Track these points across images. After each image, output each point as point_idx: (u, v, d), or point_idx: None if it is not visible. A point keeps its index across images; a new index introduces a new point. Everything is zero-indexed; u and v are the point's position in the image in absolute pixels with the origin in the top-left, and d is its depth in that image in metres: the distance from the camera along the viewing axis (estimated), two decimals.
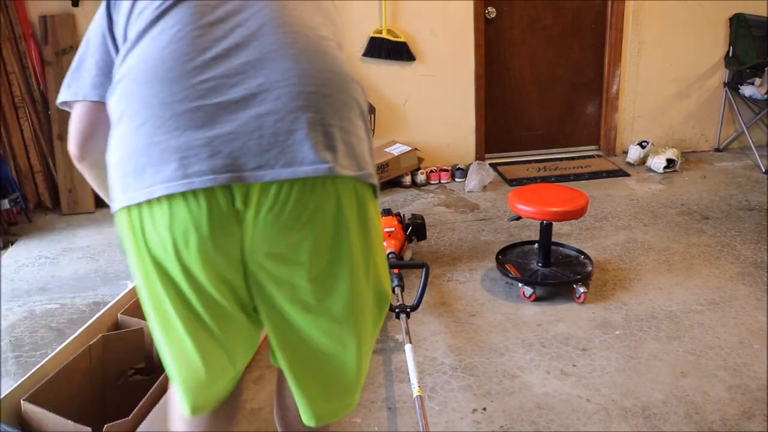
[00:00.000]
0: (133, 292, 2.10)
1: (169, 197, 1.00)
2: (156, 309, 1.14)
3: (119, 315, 1.99)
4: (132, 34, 1.12)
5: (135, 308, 2.04)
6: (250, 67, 1.05)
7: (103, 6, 1.21)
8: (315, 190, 1.04)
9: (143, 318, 1.95)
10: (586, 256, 2.80)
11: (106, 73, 1.18)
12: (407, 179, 4.07)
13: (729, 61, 4.34)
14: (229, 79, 1.04)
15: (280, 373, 1.38)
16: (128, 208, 1.05)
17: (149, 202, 1.01)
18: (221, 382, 1.24)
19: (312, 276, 1.11)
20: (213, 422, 1.32)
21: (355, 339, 1.21)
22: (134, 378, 1.90)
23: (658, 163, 4.14)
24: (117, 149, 1.07)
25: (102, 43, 1.19)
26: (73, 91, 1.21)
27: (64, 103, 1.24)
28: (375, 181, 1.14)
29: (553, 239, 2.84)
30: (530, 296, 2.62)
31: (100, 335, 1.82)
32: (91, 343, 1.79)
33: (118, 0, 1.18)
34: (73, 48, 3.79)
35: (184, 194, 1.00)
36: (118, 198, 1.07)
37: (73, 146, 1.23)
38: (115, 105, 1.10)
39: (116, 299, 2.04)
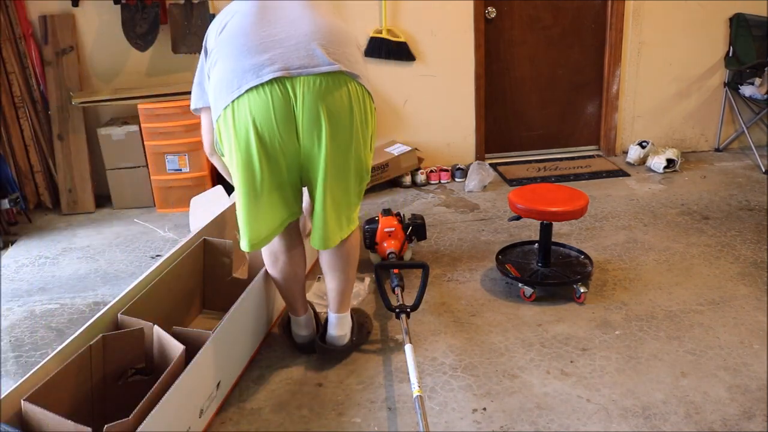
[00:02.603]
0: (133, 292, 2.10)
1: (248, 91, 1.78)
2: (235, 177, 1.91)
3: (119, 315, 1.99)
4: (219, 31, 1.92)
5: (135, 308, 2.04)
6: (289, 22, 1.85)
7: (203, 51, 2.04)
8: (332, 79, 1.82)
9: (143, 318, 1.96)
10: (586, 256, 2.80)
11: (202, 87, 2.07)
12: (407, 179, 4.07)
13: (729, 61, 4.34)
14: (279, 28, 1.84)
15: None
16: (225, 108, 1.82)
17: (238, 98, 1.79)
18: (263, 227, 1.97)
19: (334, 130, 1.85)
20: (287, 253, 2.17)
21: (353, 179, 1.99)
22: (134, 378, 1.90)
23: (658, 163, 4.14)
24: (215, 77, 1.86)
25: (201, 68, 2.05)
26: (192, 105, 2.13)
27: (196, 109, 2.15)
28: (370, 89, 1.95)
29: (553, 239, 2.84)
30: (530, 296, 2.62)
31: (100, 335, 1.81)
32: (91, 343, 1.78)
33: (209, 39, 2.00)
34: (73, 48, 3.80)
35: (256, 87, 1.78)
36: (219, 105, 1.84)
37: (204, 145, 2.16)
38: (213, 59, 1.89)
39: (116, 299, 2.03)
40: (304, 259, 2.23)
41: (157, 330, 1.91)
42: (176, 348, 1.81)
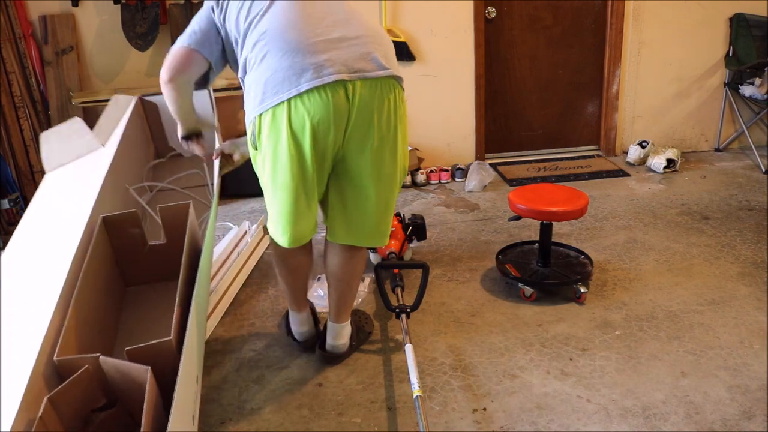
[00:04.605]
0: (55, 325, 1.67)
1: (308, 91, 1.75)
2: (276, 175, 1.87)
3: (55, 359, 1.58)
4: (254, 12, 1.86)
5: (67, 346, 1.64)
6: (339, 22, 1.84)
7: (209, 5, 1.98)
8: (385, 83, 1.84)
9: (79, 341, 1.67)
10: (586, 256, 2.80)
11: (203, 34, 1.96)
12: (407, 179, 4.07)
13: (729, 60, 4.34)
14: (330, 28, 1.82)
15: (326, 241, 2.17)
16: (277, 105, 1.78)
17: (296, 96, 1.76)
18: (306, 224, 2.00)
19: (381, 135, 1.87)
20: (299, 250, 2.12)
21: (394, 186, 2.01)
22: (100, 418, 1.64)
23: (658, 163, 4.14)
24: (265, 72, 1.80)
25: (208, 18, 1.97)
26: (180, 41, 1.97)
27: (183, 46, 1.98)
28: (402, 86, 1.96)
29: (553, 239, 2.84)
30: (530, 296, 2.62)
31: (45, 398, 1.45)
32: (40, 414, 1.41)
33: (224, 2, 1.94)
34: (73, 48, 3.80)
35: (318, 88, 1.76)
36: (266, 102, 1.80)
37: (165, 72, 1.98)
38: (259, 49, 1.83)
39: (39, 342, 1.57)
40: (312, 255, 2.24)
41: (105, 361, 1.57)
42: (140, 371, 1.51)
